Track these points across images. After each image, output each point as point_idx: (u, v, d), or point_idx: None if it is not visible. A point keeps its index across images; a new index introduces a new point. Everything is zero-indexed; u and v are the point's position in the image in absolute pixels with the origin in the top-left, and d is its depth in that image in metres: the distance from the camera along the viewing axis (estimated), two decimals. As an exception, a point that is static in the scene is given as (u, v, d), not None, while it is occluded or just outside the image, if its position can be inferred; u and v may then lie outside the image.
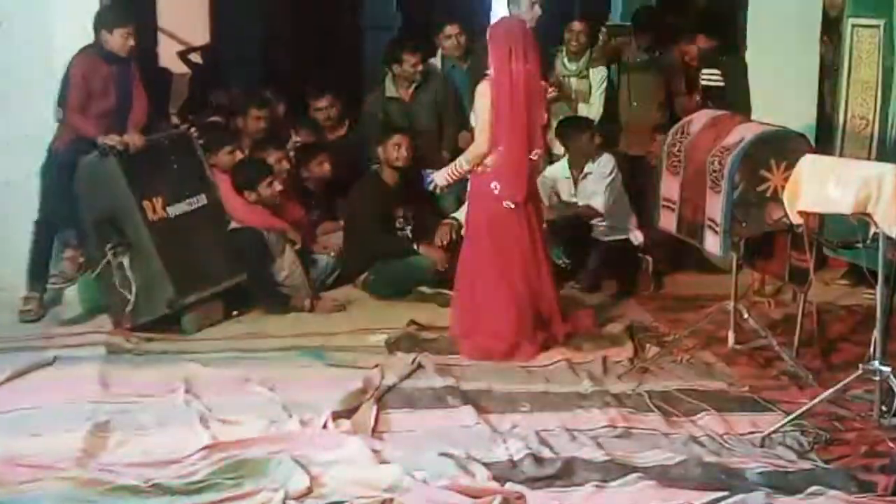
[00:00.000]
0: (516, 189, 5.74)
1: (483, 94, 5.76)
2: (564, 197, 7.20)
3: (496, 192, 5.72)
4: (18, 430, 4.67)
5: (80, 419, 4.74)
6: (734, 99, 7.04)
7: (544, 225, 6.15)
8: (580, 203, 7.14)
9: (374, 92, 7.89)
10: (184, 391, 5.09)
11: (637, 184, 7.33)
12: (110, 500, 4.03)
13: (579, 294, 6.89)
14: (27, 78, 6.63)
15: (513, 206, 5.73)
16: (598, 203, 7.09)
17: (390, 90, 7.62)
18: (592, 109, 7.68)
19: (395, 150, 7.04)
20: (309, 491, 4.07)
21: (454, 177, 6.00)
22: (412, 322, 6.22)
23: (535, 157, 5.85)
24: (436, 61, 7.78)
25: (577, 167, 7.17)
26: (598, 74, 7.73)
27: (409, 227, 7.18)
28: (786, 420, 4.71)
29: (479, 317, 5.82)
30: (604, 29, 8.07)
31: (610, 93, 7.77)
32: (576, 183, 7.18)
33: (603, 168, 7.11)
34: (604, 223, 7.16)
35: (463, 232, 6.05)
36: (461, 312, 5.92)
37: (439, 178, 6.08)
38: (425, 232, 7.15)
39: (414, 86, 7.53)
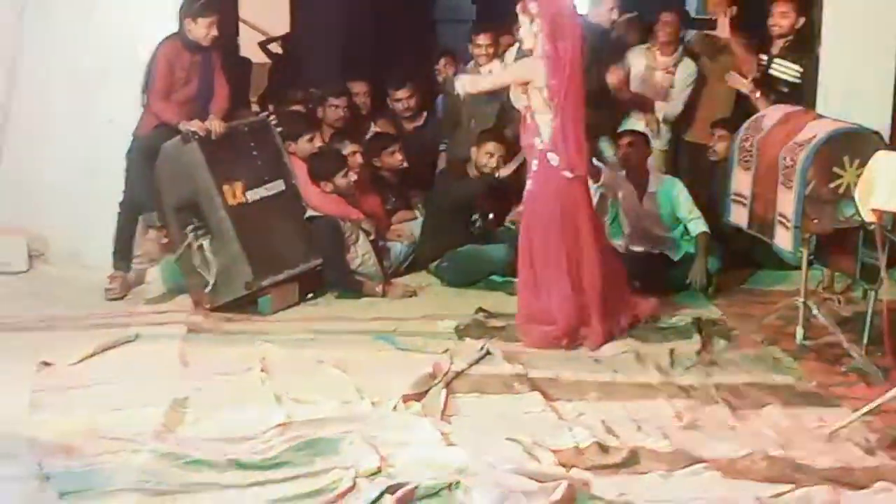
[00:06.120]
0: (576, 161, 5.71)
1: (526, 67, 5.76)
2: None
3: (554, 163, 5.69)
4: (100, 403, 4.77)
5: (159, 395, 4.83)
6: (805, 98, 6.91)
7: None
8: None
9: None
10: (259, 370, 5.18)
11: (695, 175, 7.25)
12: (186, 473, 4.10)
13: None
14: (112, 65, 6.78)
15: (571, 175, 5.69)
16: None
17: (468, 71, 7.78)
18: (671, 107, 7.49)
19: (486, 158, 7.17)
20: (379, 471, 4.11)
21: (477, 88, 6.16)
22: (480, 309, 6.27)
23: None
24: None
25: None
26: (686, 69, 7.45)
27: (481, 224, 7.28)
28: (854, 416, 4.66)
29: (540, 306, 5.82)
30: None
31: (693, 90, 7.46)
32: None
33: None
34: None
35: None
36: (523, 302, 5.91)
37: (467, 82, 6.18)
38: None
39: (486, 70, 7.60)
